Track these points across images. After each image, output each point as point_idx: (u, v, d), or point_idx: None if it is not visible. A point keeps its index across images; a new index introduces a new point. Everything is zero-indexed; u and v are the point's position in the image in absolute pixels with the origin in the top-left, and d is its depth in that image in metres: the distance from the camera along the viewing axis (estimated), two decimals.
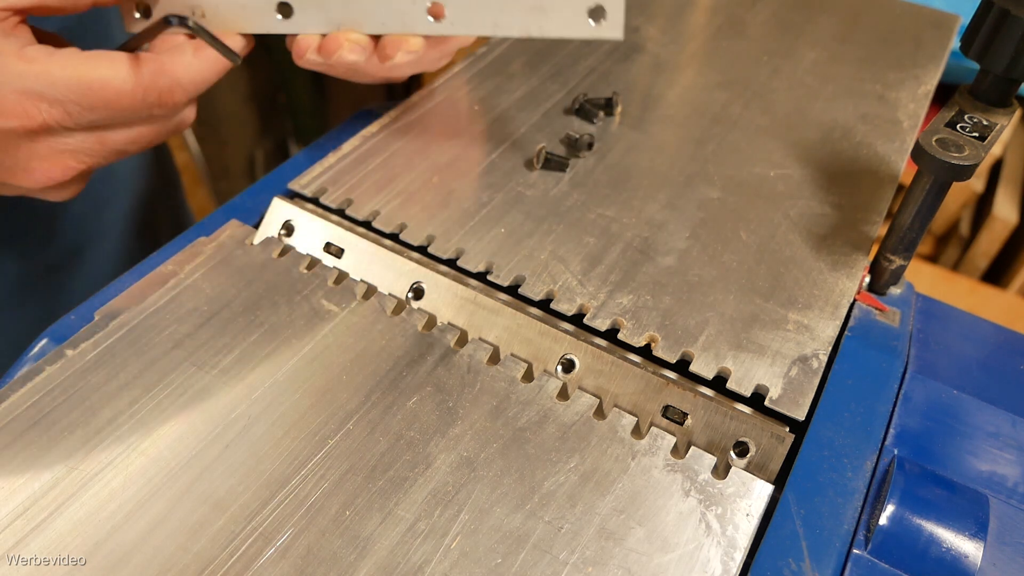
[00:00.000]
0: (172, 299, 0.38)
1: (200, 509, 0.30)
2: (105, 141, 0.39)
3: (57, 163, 0.38)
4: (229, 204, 0.44)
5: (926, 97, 0.54)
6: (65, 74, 0.36)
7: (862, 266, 0.40)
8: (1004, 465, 0.34)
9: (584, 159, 0.47)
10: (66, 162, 0.39)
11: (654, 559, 0.30)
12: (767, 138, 0.49)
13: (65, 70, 0.36)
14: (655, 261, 0.40)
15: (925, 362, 0.37)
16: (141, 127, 0.40)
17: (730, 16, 0.62)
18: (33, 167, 0.38)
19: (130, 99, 0.37)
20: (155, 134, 0.41)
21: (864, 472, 0.32)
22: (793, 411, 0.34)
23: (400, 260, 0.40)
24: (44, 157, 0.38)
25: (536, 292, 0.38)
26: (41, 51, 0.36)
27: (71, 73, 0.36)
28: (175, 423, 0.33)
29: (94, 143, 0.39)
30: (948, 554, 0.30)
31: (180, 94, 0.39)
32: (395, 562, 0.29)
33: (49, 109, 0.36)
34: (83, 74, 0.36)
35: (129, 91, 0.37)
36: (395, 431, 0.33)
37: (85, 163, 0.39)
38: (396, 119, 0.49)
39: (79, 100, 0.36)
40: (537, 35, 0.40)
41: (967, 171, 0.35)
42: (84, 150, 0.39)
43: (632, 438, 0.33)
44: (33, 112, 0.36)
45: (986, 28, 0.35)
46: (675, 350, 0.36)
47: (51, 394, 0.34)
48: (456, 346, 0.37)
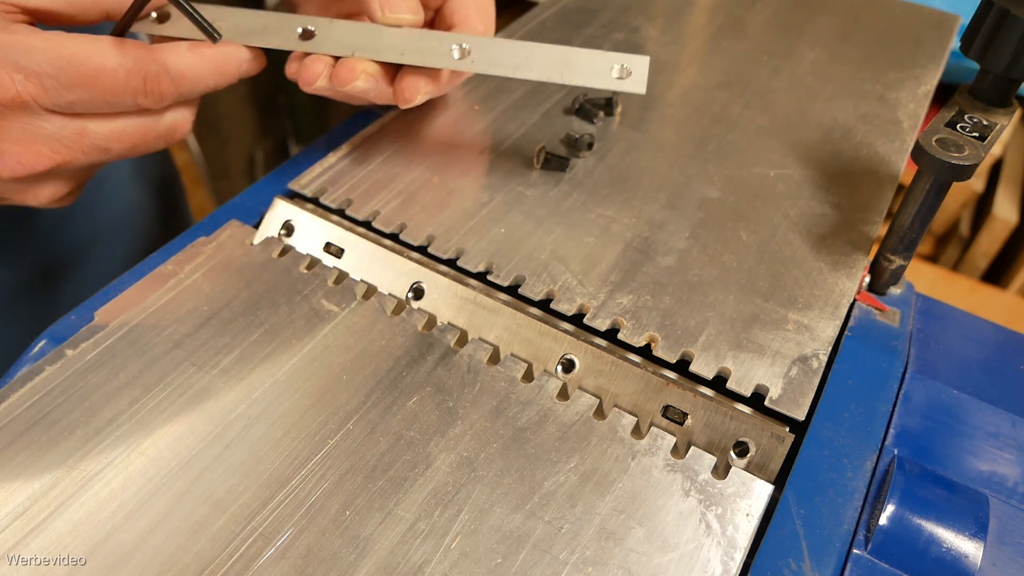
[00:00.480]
0: (172, 299, 0.38)
1: (200, 509, 0.30)
2: (85, 132, 0.37)
3: (30, 148, 0.36)
4: (229, 204, 0.44)
5: (926, 97, 0.54)
6: (45, 46, 0.34)
7: (862, 266, 0.40)
8: (1004, 465, 0.34)
9: (584, 159, 0.47)
10: (39, 149, 0.36)
11: (654, 559, 0.30)
12: (767, 138, 0.49)
13: (46, 43, 0.34)
14: (655, 261, 0.40)
15: (925, 362, 0.37)
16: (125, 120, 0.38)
17: (730, 16, 0.62)
18: (3, 150, 0.35)
19: (111, 78, 0.35)
20: (141, 133, 0.39)
21: (864, 472, 0.32)
22: (793, 411, 0.34)
23: (400, 260, 0.40)
24: (15, 140, 0.35)
25: (536, 292, 0.38)
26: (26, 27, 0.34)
27: (51, 45, 0.34)
28: (175, 423, 0.33)
29: (72, 133, 0.36)
30: (948, 554, 0.30)
31: (167, 83, 0.37)
32: (395, 562, 0.29)
33: (24, 81, 0.34)
34: (64, 46, 0.34)
35: (110, 69, 0.35)
36: (395, 431, 0.33)
37: (60, 154, 0.37)
38: (396, 119, 0.49)
39: (57, 74, 0.34)
40: (559, 81, 0.40)
41: (967, 171, 0.35)
42: (61, 139, 0.36)
43: (632, 438, 0.33)
44: (7, 82, 0.34)
45: (986, 28, 0.35)
46: (675, 350, 0.36)
47: (51, 394, 0.34)
48: (456, 346, 0.37)
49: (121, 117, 0.38)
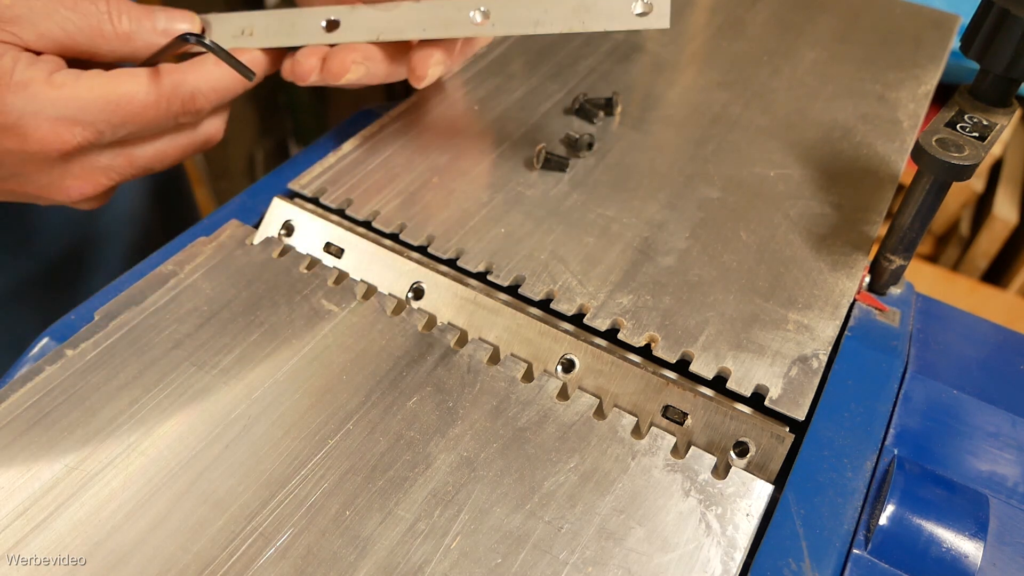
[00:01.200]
0: (172, 299, 0.38)
1: (200, 509, 0.30)
2: (133, 158, 0.42)
3: (89, 180, 0.41)
4: (229, 204, 0.44)
5: (926, 97, 0.54)
6: (93, 95, 0.37)
7: (862, 266, 0.40)
8: (1004, 465, 0.34)
9: (584, 159, 0.47)
10: (97, 179, 0.41)
11: (654, 559, 0.30)
12: (767, 138, 0.49)
13: (92, 91, 0.37)
14: (655, 261, 0.40)
15: (925, 362, 0.37)
16: (167, 141, 0.42)
17: (730, 16, 0.62)
18: (67, 185, 0.40)
19: (155, 110, 0.39)
20: (181, 150, 0.43)
21: (864, 472, 0.32)
22: (793, 411, 0.34)
23: (400, 260, 0.40)
24: (77, 176, 0.40)
25: (536, 292, 0.38)
26: (69, 76, 0.37)
27: (98, 93, 0.37)
28: (175, 423, 0.33)
29: (123, 161, 0.41)
30: (948, 554, 0.30)
31: (202, 101, 0.41)
32: (395, 562, 0.29)
33: (82, 132, 0.38)
34: (109, 93, 0.38)
35: (153, 102, 0.39)
36: (395, 431, 0.33)
37: (114, 179, 0.42)
38: (396, 119, 0.49)
39: (109, 119, 0.38)
40: (579, 30, 0.39)
41: (967, 171, 0.35)
42: (114, 167, 0.41)
43: (632, 438, 0.33)
44: (67, 136, 0.38)
45: (986, 28, 0.35)
46: (675, 350, 0.36)
47: (51, 394, 0.34)
48: (456, 346, 0.37)
49: (163, 137, 0.42)
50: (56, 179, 0.40)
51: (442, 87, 0.52)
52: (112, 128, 0.39)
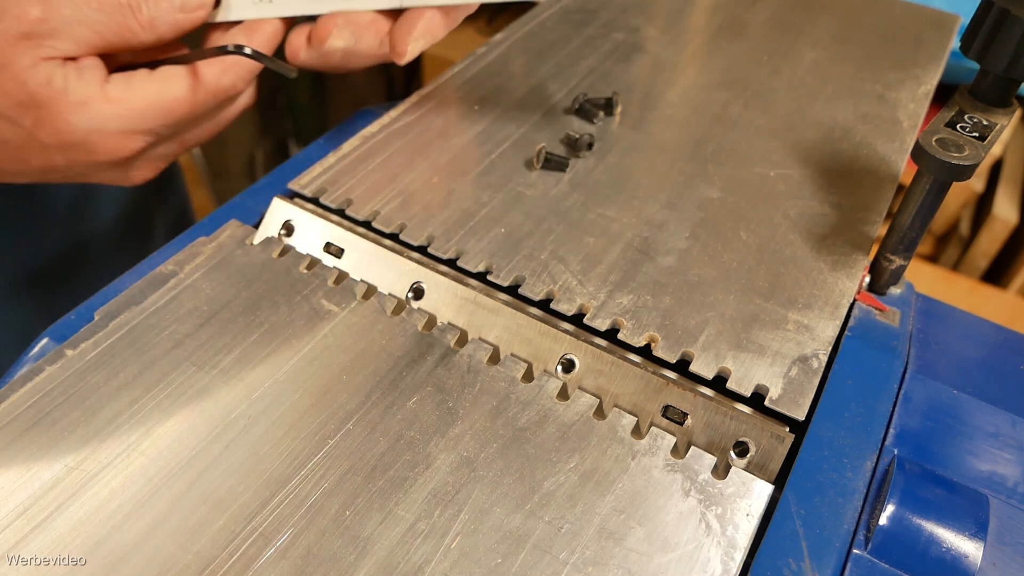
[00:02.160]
0: (172, 299, 0.38)
1: (200, 509, 0.30)
2: (184, 141, 0.46)
3: (150, 168, 0.45)
4: (229, 204, 0.44)
5: (926, 97, 0.54)
6: (147, 105, 0.40)
7: (862, 266, 0.40)
8: (1004, 465, 0.34)
9: (584, 159, 0.47)
10: (156, 165, 0.45)
11: (654, 559, 0.30)
12: (767, 138, 0.49)
13: (146, 101, 0.40)
14: (655, 261, 0.40)
15: (925, 362, 0.37)
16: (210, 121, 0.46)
17: (730, 16, 0.62)
18: (132, 176, 0.45)
19: (203, 107, 0.42)
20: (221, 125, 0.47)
21: (864, 472, 0.32)
22: (793, 411, 0.34)
23: (400, 260, 0.40)
24: (140, 168, 0.45)
25: (536, 292, 0.38)
26: (120, 87, 0.40)
27: (151, 102, 0.40)
28: (175, 423, 0.33)
29: (176, 146, 0.46)
30: (948, 554, 0.30)
31: (240, 85, 0.43)
32: (395, 562, 0.29)
33: (143, 137, 0.41)
34: (160, 99, 0.41)
35: (201, 100, 0.42)
36: (395, 431, 0.33)
37: (169, 160, 0.46)
38: (396, 119, 0.49)
39: (164, 122, 0.41)
40: None
41: (967, 171, 0.35)
42: (170, 154, 0.46)
43: (632, 438, 0.33)
44: (131, 144, 0.41)
45: (986, 28, 0.35)
46: (675, 350, 0.36)
47: (51, 394, 0.34)
48: (456, 346, 0.37)
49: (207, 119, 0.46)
50: (123, 173, 0.44)
51: (442, 87, 0.52)
52: (167, 129, 0.42)
